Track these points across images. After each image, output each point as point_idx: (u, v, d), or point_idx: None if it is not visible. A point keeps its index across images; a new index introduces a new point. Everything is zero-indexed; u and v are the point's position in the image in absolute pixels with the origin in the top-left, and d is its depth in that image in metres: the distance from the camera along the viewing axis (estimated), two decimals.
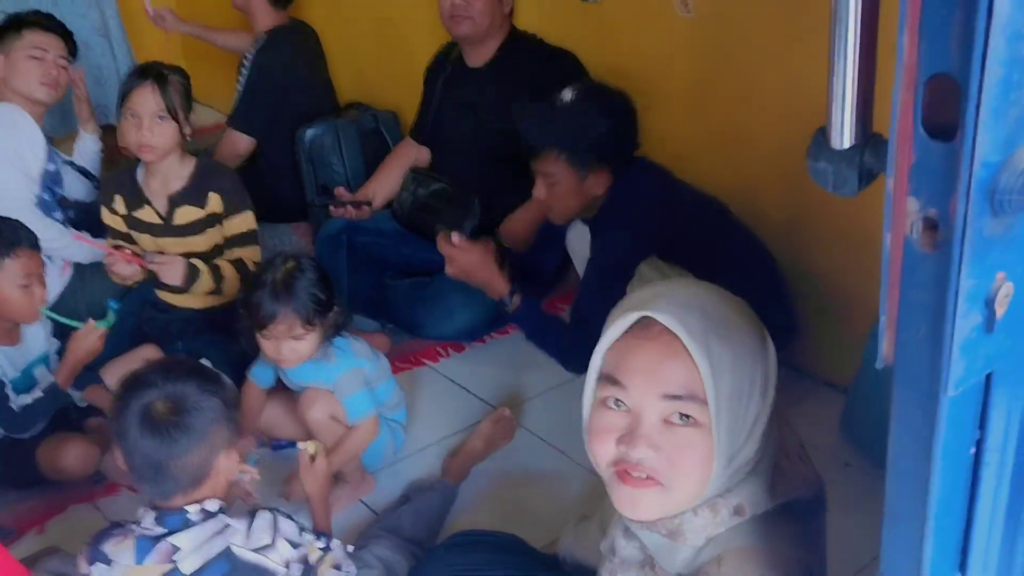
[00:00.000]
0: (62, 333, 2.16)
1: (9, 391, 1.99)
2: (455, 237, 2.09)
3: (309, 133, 3.08)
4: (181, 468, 1.34)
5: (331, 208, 2.74)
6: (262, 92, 3.12)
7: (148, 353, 2.19)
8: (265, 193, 2.49)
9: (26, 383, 2.06)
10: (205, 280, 2.26)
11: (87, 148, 2.80)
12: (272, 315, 1.85)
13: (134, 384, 1.42)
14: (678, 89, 2.39)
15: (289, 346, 1.89)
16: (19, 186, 2.38)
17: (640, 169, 2.04)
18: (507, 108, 2.49)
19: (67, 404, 2.10)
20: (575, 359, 2.01)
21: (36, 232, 2.07)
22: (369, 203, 2.75)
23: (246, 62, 3.14)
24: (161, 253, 2.28)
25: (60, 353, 2.12)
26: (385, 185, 2.84)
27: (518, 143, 2.47)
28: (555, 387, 2.32)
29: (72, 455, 1.98)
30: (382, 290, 2.64)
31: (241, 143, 3.12)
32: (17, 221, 2.03)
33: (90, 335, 2.04)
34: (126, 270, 2.22)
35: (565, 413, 2.21)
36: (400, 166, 2.85)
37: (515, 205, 2.56)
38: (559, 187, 1.99)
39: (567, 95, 1.98)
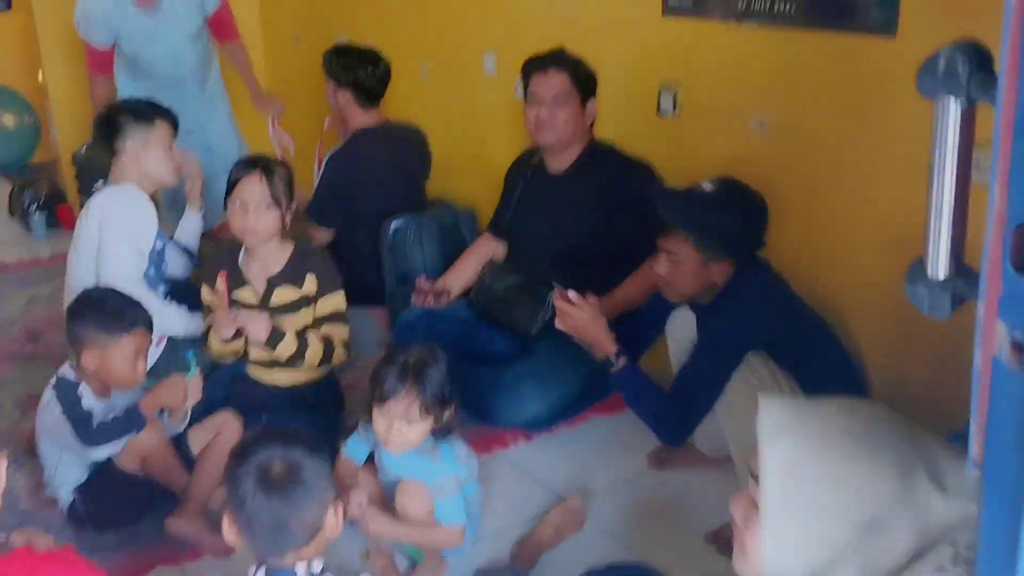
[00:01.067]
0: None
1: (93, 419, 2.13)
2: (571, 293, 2.24)
3: (392, 225, 3.25)
4: (299, 524, 1.42)
5: (412, 296, 2.88)
6: (335, 189, 3.33)
7: (227, 418, 2.32)
8: (345, 277, 2.63)
9: None
10: (288, 341, 2.37)
11: (191, 226, 2.98)
12: (395, 391, 1.93)
13: (245, 452, 1.51)
14: None
15: (400, 428, 1.95)
16: (131, 263, 2.57)
17: (760, 269, 2.15)
18: (583, 212, 2.66)
19: (141, 429, 2.16)
20: (671, 430, 2.17)
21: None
22: (447, 293, 2.89)
23: (325, 161, 3.35)
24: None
25: None
26: (462, 276, 2.98)
27: (591, 245, 2.63)
28: (624, 480, 2.40)
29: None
30: (456, 377, 2.74)
31: (317, 235, 3.32)
32: (135, 301, 2.21)
33: (178, 385, 2.18)
34: (226, 322, 2.34)
35: (633, 506, 2.31)
36: (478, 259, 2.99)
37: None
38: (681, 267, 2.10)
39: (707, 185, 2.12)
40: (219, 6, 3.71)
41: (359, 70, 3.33)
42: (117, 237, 2.58)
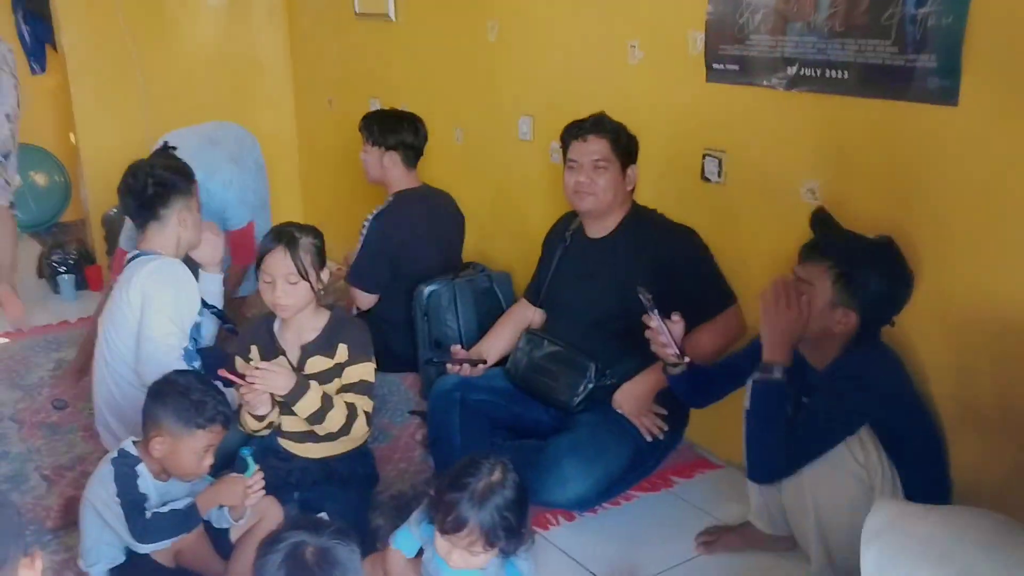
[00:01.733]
0: None
1: (147, 504, 2.05)
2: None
3: (426, 290, 3.18)
4: None
5: (447, 365, 2.80)
6: (377, 252, 3.26)
7: (268, 505, 2.20)
8: (377, 343, 2.56)
9: None
10: (312, 397, 2.28)
11: (215, 288, 2.83)
12: (460, 526, 1.77)
13: (277, 539, 1.48)
14: None
15: (463, 555, 1.82)
16: (174, 340, 2.49)
17: (881, 345, 2.07)
18: (624, 278, 2.57)
19: (193, 529, 2.09)
20: (770, 467, 2.09)
21: None
22: (483, 361, 2.81)
23: (366, 223, 3.30)
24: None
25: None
26: (499, 344, 2.90)
27: (632, 314, 2.53)
28: (671, 567, 2.28)
29: None
30: (492, 449, 2.65)
31: (361, 299, 3.27)
32: (221, 395, 2.13)
33: (238, 484, 2.09)
34: (256, 398, 2.27)
35: None
36: (514, 326, 2.91)
37: (628, 372, 2.57)
38: (808, 297, 2.02)
39: (873, 237, 2.06)
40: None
41: (404, 132, 3.32)
42: (163, 316, 2.49)
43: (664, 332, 2.20)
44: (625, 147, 2.58)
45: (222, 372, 2.29)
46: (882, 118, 2.17)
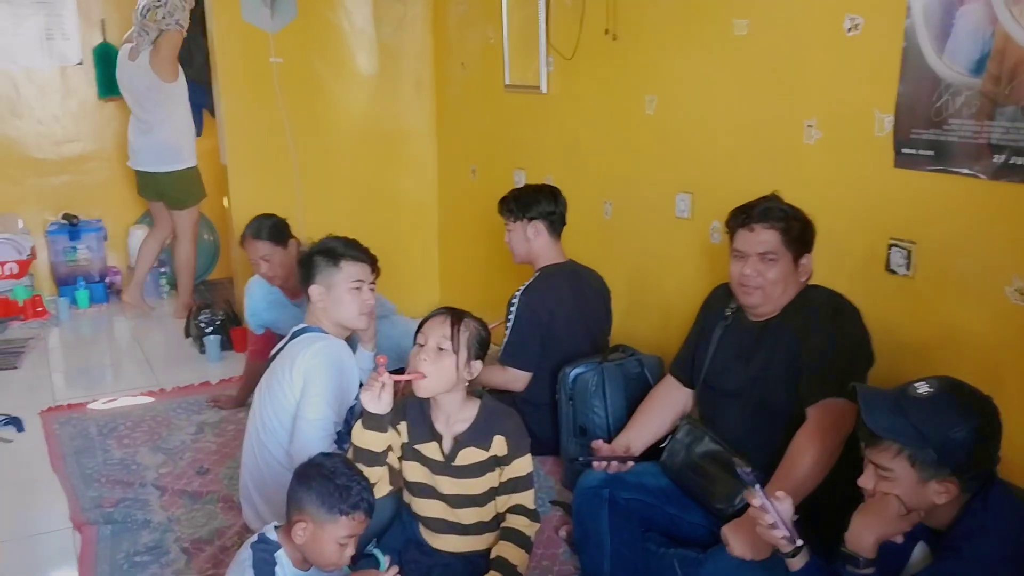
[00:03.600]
0: None
1: None
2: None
3: (573, 372, 3.04)
4: None
5: (592, 464, 2.63)
6: (529, 327, 3.14)
7: None
8: None
9: None
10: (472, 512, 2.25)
11: (365, 365, 2.85)
12: None
13: None
14: (1009, 380, 2.15)
15: None
16: (330, 423, 2.44)
17: (1000, 488, 1.78)
18: (786, 361, 2.36)
19: None
20: None
21: None
22: (633, 458, 2.62)
23: (514, 299, 3.20)
24: None
25: None
26: (647, 431, 2.71)
27: (795, 395, 2.31)
28: None
29: None
30: (647, 556, 2.46)
31: (517, 379, 3.15)
32: (366, 482, 2.04)
33: None
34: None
35: None
36: (665, 410, 2.72)
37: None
38: (894, 486, 1.76)
39: (923, 387, 1.77)
40: None
41: (544, 202, 3.24)
42: (322, 400, 2.46)
43: (771, 511, 1.89)
44: (798, 236, 2.36)
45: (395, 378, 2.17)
46: None
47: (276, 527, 2.05)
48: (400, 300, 3.96)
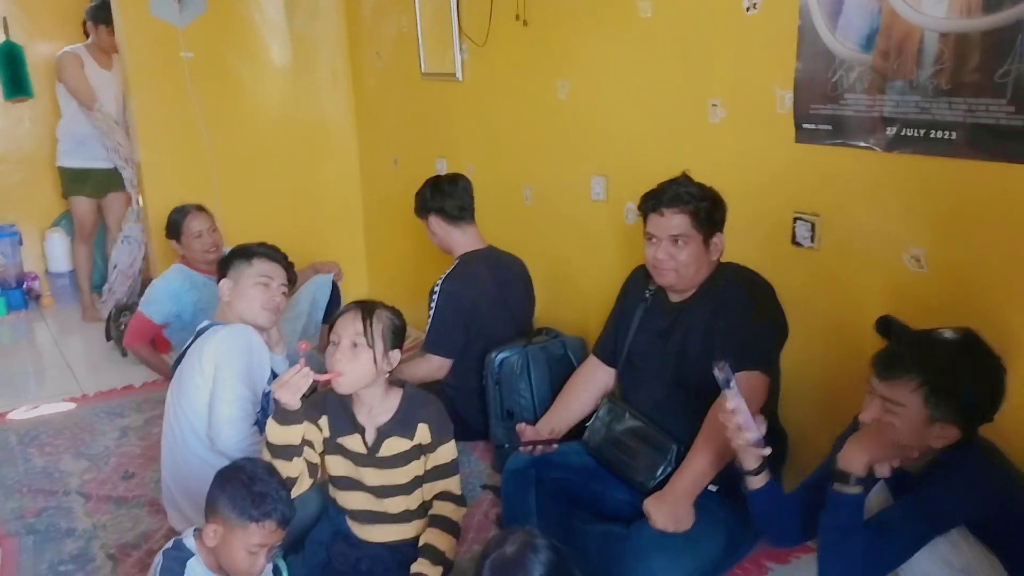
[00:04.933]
0: None
1: None
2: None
3: (498, 357, 3.06)
4: None
5: (518, 448, 2.66)
6: (451, 315, 3.16)
7: None
8: (447, 412, 2.46)
9: None
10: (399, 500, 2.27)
11: (278, 370, 2.83)
12: None
13: None
14: None
15: None
16: (247, 403, 2.44)
17: (984, 442, 1.85)
18: (703, 339, 2.42)
19: None
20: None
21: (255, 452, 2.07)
22: (557, 441, 2.66)
23: (436, 288, 3.21)
24: None
25: None
26: (571, 411, 2.76)
27: (713, 383, 2.36)
28: None
29: None
30: (573, 534, 2.49)
31: (438, 367, 3.16)
32: (285, 491, 1.99)
33: None
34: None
35: None
36: (587, 390, 2.77)
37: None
38: (899, 420, 1.79)
39: (950, 334, 1.81)
40: None
41: (431, 196, 3.25)
42: (237, 380, 2.45)
43: (744, 412, 1.95)
44: (708, 217, 2.40)
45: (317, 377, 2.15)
46: (996, 182, 2.00)
47: (197, 531, 2.00)
48: None
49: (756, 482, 1.99)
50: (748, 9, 2.52)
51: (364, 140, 4.83)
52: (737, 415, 1.95)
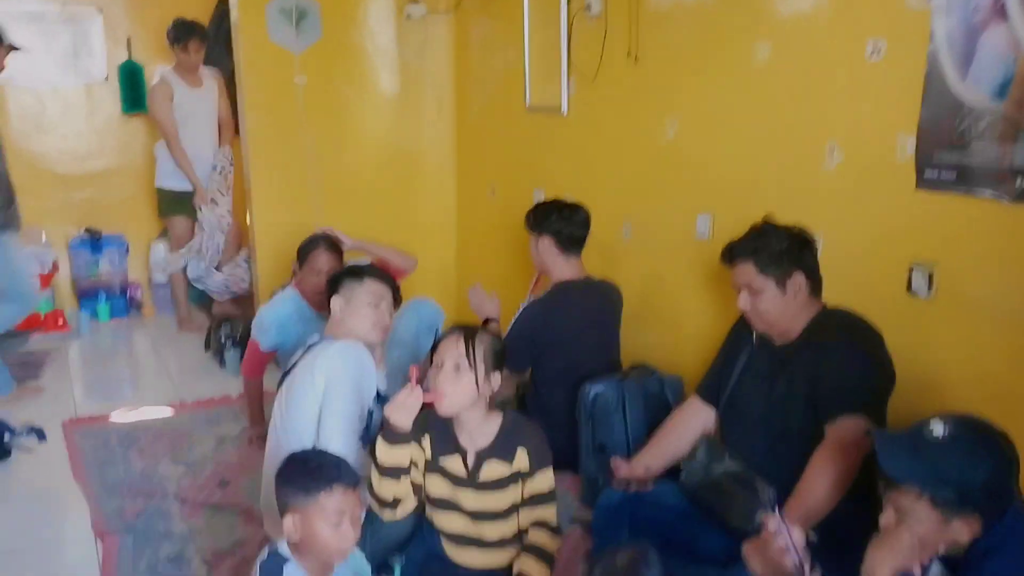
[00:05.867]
0: None
1: None
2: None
3: (593, 389, 3.05)
4: None
5: (611, 482, 2.65)
6: (524, 333, 3.19)
7: None
8: None
9: None
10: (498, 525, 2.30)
11: (380, 386, 2.89)
12: None
13: None
14: (1021, 408, 2.15)
15: None
16: (355, 418, 2.50)
17: (1018, 506, 1.78)
18: (806, 381, 2.37)
19: None
20: None
21: (360, 467, 2.10)
22: (651, 480, 2.64)
23: (521, 307, 3.24)
24: None
25: None
26: (667, 451, 2.72)
27: (815, 419, 2.31)
28: None
29: None
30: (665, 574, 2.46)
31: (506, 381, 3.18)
32: (340, 459, 2.04)
33: None
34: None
35: None
36: (686, 430, 2.73)
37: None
38: (916, 527, 1.76)
39: (938, 427, 1.77)
40: None
41: (555, 218, 3.29)
42: (346, 396, 2.52)
43: (785, 535, 1.91)
44: (776, 259, 2.40)
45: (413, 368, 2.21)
46: None
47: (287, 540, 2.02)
48: None
49: None
50: (871, 54, 2.49)
51: (463, 169, 4.91)
52: (779, 536, 1.91)
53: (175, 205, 5.15)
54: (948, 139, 2.30)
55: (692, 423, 2.75)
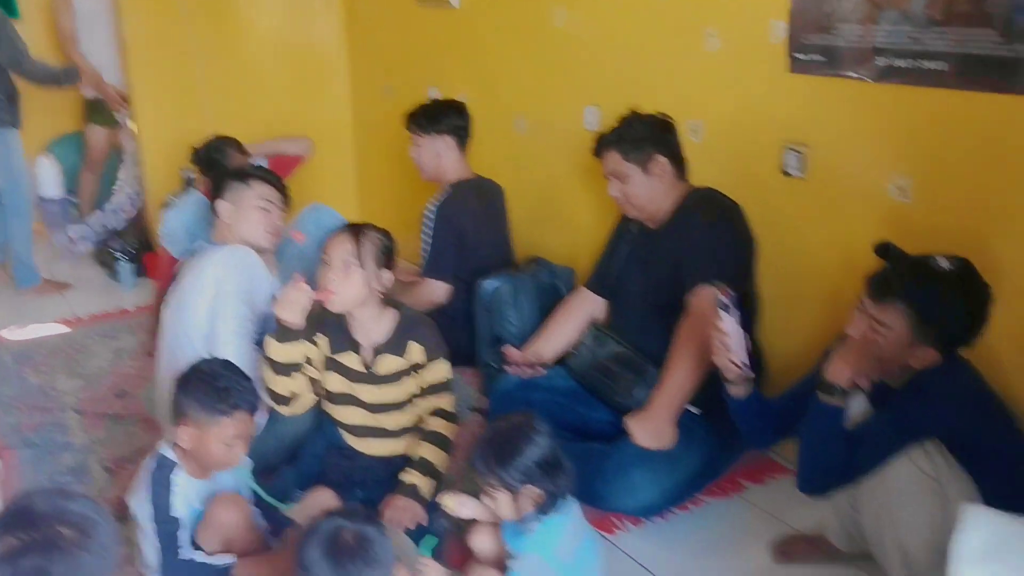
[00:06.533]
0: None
1: (182, 538, 1.98)
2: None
3: (488, 285, 3.11)
4: None
5: (505, 368, 2.73)
6: (447, 240, 3.21)
7: (323, 497, 2.20)
8: None
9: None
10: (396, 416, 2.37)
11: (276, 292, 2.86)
12: (484, 475, 1.87)
13: (317, 525, 1.64)
14: None
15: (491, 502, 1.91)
16: (247, 322, 2.47)
17: (963, 363, 1.94)
18: (674, 259, 2.47)
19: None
20: (819, 480, 2.02)
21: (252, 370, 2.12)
22: (543, 365, 2.74)
23: (430, 214, 3.24)
24: None
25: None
26: (558, 339, 2.82)
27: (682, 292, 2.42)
28: (745, 574, 2.21)
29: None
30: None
31: (439, 291, 3.21)
32: (247, 382, 2.05)
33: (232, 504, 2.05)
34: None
35: None
36: (575, 318, 2.83)
37: None
38: (884, 340, 1.89)
39: (944, 262, 1.88)
40: None
41: (452, 116, 3.30)
42: (237, 300, 2.47)
43: (737, 335, 2.07)
44: (637, 146, 2.49)
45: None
46: (984, 112, 2.04)
47: (171, 444, 2.04)
48: None
49: (737, 391, 2.13)
50: None
51: (357, 67, 4.79)
52: (728, 337, 2.05)
53: (95, 114, 4.82)
54: (817, 23, 2.37)
55: (580, 312, 2.84)
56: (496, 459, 1.86)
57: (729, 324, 2.05)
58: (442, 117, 3.28)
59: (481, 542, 2.06)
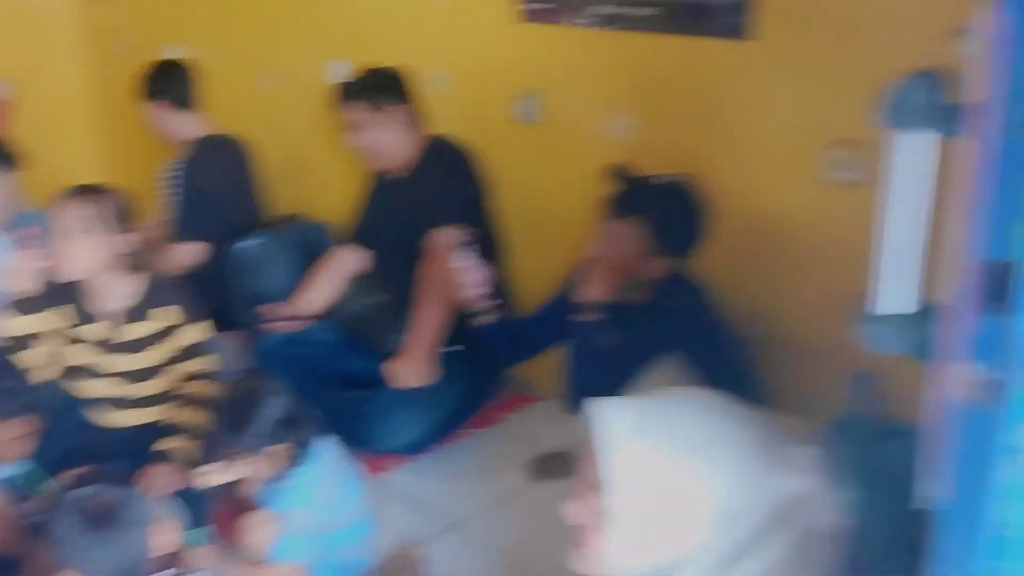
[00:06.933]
0: None
1: None
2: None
3: (242, 245, 3.04)
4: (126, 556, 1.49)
5: (266, 326, 2.73)
6: (196, 200, 3.11)
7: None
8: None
9: None
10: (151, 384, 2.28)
11: None
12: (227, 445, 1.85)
13: (64, 497, 1.58)
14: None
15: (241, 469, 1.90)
16: None
17: (694, 279, 2.14)
18: (417, 206, 2.57)
19: None
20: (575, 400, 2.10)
21: None
22: (301, 318, 2.75)
23: (178, 174, 3.13)
24: None
25: None
26: (322, 292, 2.83)
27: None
28: (509, 495, 2.36)
29: None
30: (327, 403, 2.61)
31: (192, 253, 3.10)
32: (21, 383, 2.01)
33: None
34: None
35: (519, 519, 2.26)
36: (337, 272, 2.85)
37: None
38: (624, 254, 2.06)
39: (666, 179, 2.08)
40: None
41: (173, 72, 3.18)
42: None
43: (475, 271, 2.22)
44: (376, 96, 2.56)
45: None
46: (684, 54, 2.25)
47: None
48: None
49: (484, 321, 2.29)
50: None
51: (94, 28, 4.45)
52: (464, 273, 2.17)
53: None
54: None
55: (342, 265, 2.87)
56: (233, 429, 1.85)
57: (465, 261, 2.18)
58: (166, 79, 3.16)
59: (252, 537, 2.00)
